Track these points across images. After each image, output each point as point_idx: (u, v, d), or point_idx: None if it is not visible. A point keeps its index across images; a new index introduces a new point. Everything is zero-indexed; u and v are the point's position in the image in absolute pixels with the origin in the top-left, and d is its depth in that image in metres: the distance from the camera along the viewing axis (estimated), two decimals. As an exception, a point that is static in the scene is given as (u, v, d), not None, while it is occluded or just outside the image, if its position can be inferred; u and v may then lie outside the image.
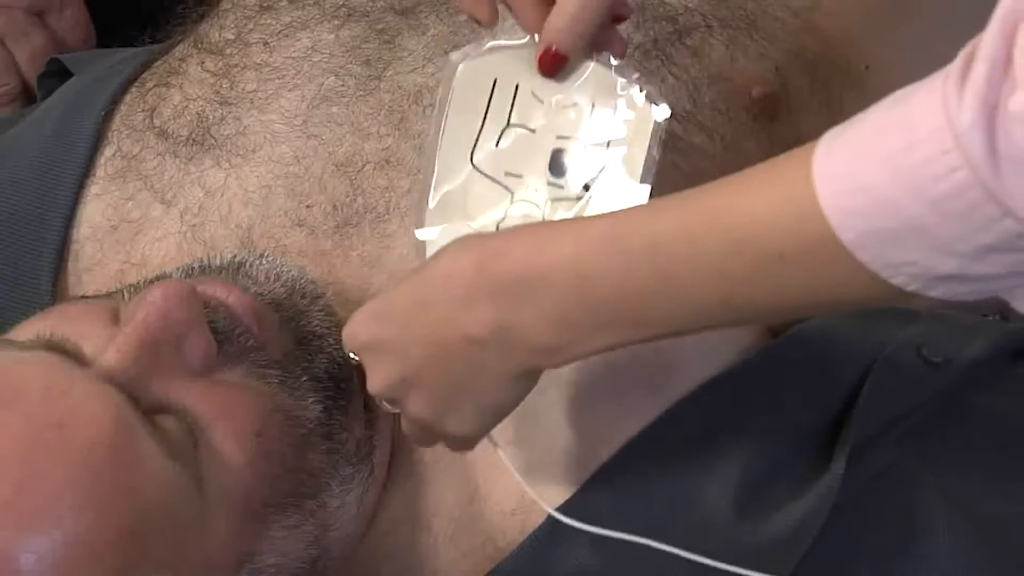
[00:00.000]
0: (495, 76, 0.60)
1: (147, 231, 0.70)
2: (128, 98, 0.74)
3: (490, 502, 0.63)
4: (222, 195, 0.69)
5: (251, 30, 0.74)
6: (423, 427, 0.57)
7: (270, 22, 0.73)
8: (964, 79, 0.40)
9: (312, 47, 0.72)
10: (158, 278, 0.63)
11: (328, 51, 0.71)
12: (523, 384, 0.54)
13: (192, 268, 0.64)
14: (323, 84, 0.70)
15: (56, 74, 0.81)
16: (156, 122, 0.72)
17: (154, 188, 0.70)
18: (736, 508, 0.60)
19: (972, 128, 0.39)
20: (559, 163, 0.59)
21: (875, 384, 0.63)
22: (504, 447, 0.60)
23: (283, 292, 0.63)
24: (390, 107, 0.69)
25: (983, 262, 0.41)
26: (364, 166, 0.68)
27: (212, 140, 0.70)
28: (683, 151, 0.66)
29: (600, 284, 0.48)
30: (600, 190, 0.58)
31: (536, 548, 0.61)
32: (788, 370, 0.62)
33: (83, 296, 0.69)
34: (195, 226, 0.69)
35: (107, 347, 0.55)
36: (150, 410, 0.55)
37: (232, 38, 0.74)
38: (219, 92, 0.72)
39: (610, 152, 0.58)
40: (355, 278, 0.67)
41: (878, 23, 0.70)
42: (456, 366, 0.53)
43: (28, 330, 0.58)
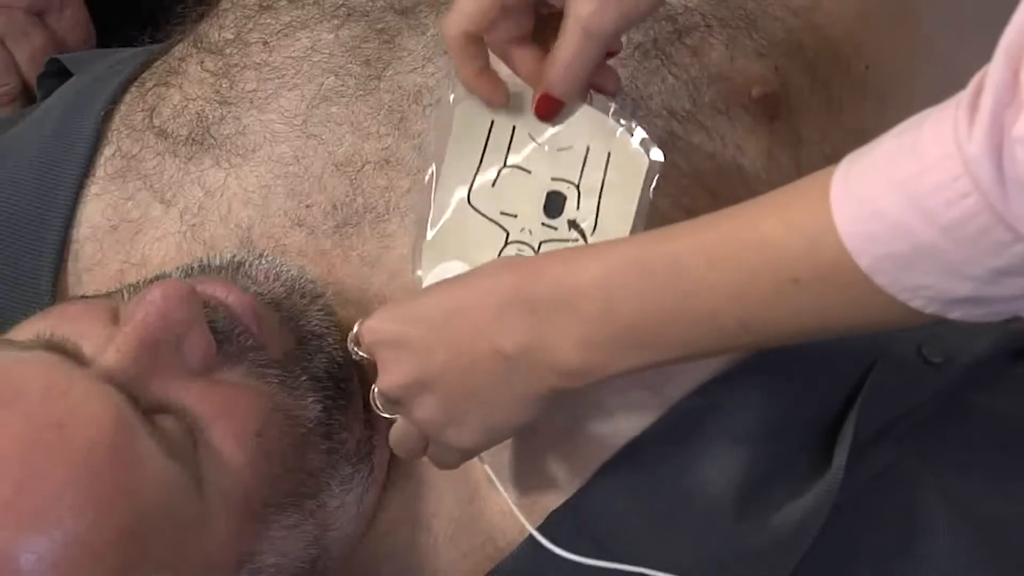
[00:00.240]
0: (492, 117, 0.61)
1: (147, 231, 0.70)
2: (128, 98, 0.74)
3: (490, 502, 0.63)
4: (222, 195, 0.69)
5: (251, 30, 0.73)
6: (419, 435, 0.58)
7: (269, 22, 0.73)
8: (974, 106, 0.41)
9: (312, 47, 0.72)
10: (158, 278, 0.63)
11: (328, 51, 0.71)
12: (538, 407, 0.54)
13: (192, 268, 0.65)
14: (323, 84, 0.70)
15: (56, 74, 0.81)
16: (156, 122, 0.72)
17: (154, 188, 0.70)
18: (736, 508, 0.60)
19: (981, 155, 0.40)
20: (554, 204, 0.60)
21: (875, 384, 0.63)
22: (490, 459, 0.60)
23: (283, 292, 0.63)
24: (390, 107, 0.69)
25: (998, 285, 0.42)
26: (364, 166, 0.68)
27: (212, 140, 0.70)
28: (683, 151, 0.66)
29: (624, 306, 0.50)
30: (593, 232, 0.60)
31: (535, 549, 0.61)
32: (788, 370, 0.62)
33: (83, 296, 0.69)
34: (195, 226, 0.69)
35: (107, 347, 0.55)
36: (150, 410, 0.54)
37: (232, 38, 0.74)
38: (219, 92, 0.72)
39: (604, 194, 0.60)
40: (355, 278, 0.67)
41: (878, 23, 0.70)
42: (477, 377, 0.53)
43: (28, 330, 0.58)
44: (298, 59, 0.72)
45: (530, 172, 0.61)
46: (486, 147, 0.61)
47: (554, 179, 0.60)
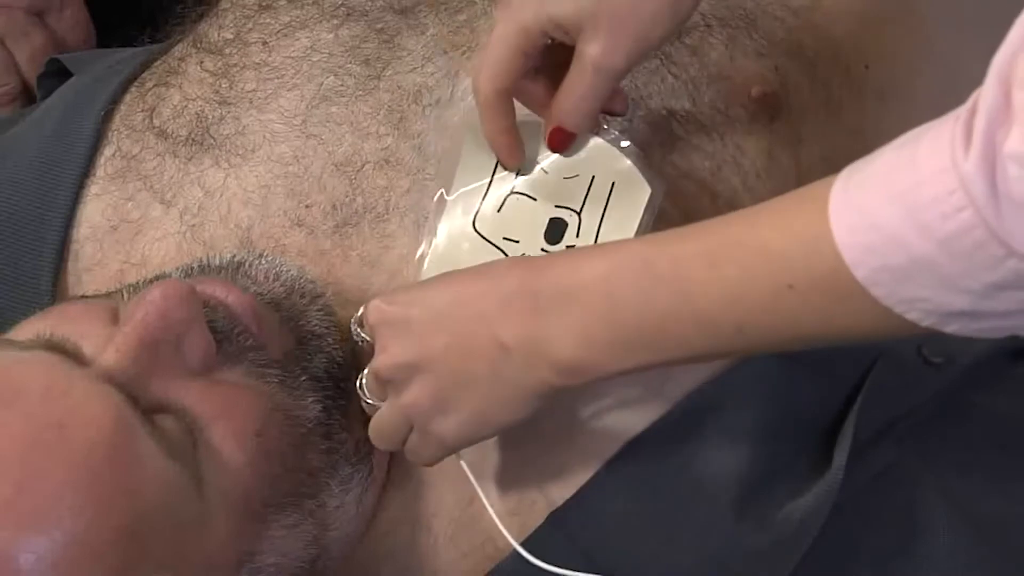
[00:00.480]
0: None
1: (147, 231, 0.70)
2: (128, 98, 0.74)
3: (490, 503, 0.63)
4: (221, 195, 0.69)
5: (250, 30, 0.73)
6: (402, 423, 0.58)
7: (269, 21, 0.73)
8: (969, 124, 0.41)
9: (311, 47, 0.72)
10: (158, 278, 0.63)
11: (327, 50, 0.71)
12: (530, 404, 0.55)
13: (191, 268, 0.65)
14: (322, 84, 0.70)
15: (56, 74, 0.81)
16: (156, 122, 0.72)
17: (154, 188, 0.70)
18: (736, 508, 0.60)
19: (975, 172, 0.40)
20: (555, 231, 0.61)
21: (875, 384, 0.63)
22: (470, 457, 0.61)
23: (282, 292, 0.63)
24: (389, 107, 0.69)
25: (993, 299, 0.42)
26: (363, 166, 0.68)
27: (211, 140, 0.70)
28: (682, 150, 0.66)
29: (625, 303, 0.51)
30: None
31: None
32: (788, 370, 0.62)
33: (83, 296, 0.69)
34: (194, 226, 0.69)
35: (107, 347, 0.55)
36: (149, 410, 0.54)
37: (231, 37, 0.74)
38: (218, 92, 0.72)
39: (604, 222, 0.61)
40: (354, 278, 0.67)
41: (878, 23, 0.70)
42: (475, 366, 0.54)
43: (28, 330, 0.58)
44: (297, 59, 0.72)
45: (535, 199, 0.62)
46: (494, 173, 0.62)
47: (557, 206, 0.62)
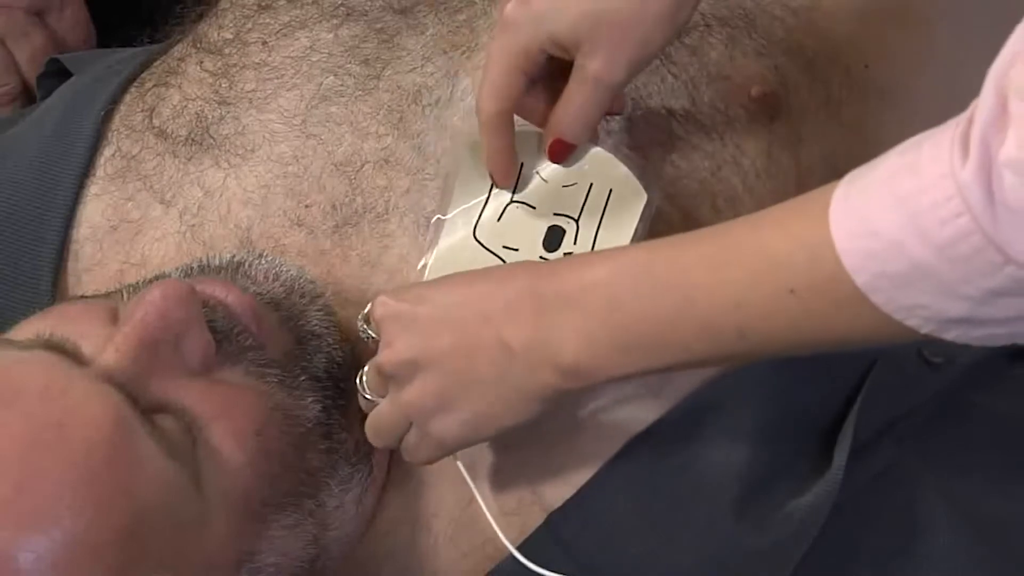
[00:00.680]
0: None
1: (146, 231, 0.70)
2: (127, 98, 0.74)
3: (490, 503, 0.63)
4: (221, 195, 0.69)
5: (249, 29, 0.74)
6: (400, 420, 0.58)
7: (268, 21, 0.73)
8: (968, 132, 0.41)
9: (311, 46, 0.72)
10: (157, 278, 0.63)
11: (327, 50, 0.71)
12: (531, 408, 0.55)
13: (191, 268, 0.65)
14: (322, 84, 0.70)
15: (56, 74, 0.82)
16: (155, 122, 0.72)
17: (153, 188, 0.71)
18: (736, 508, 0.60)
19: (972, 180, 0.40)
20: (553, 238, 0.62)
21: (875, 384, 0.63)
22: (467, 458, 0.61)
23: (282, 292, 0.63)
24: (389, 107, 0.69)
25: (992, 306, 0.42)
26: (363, 166, 0.68)
27: (211, 140, 0.71)
28: (682, 150, 0.66)
29: (627, 306, 0.51)
30: None
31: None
32: (787, 371, 0.62)
33: (82, 296, 0.69)
34: (194, 226, 0.69)
35: (106, 347, 0.55)
36: (149, 409, 0.54)
37: (231, 37, 0.74)
38: (218, 92, 0.72)
39: (602, 230, 0.61)
40: (354, 278, 0.67)
41: (877, 22, 0.70)
42: (479, 366, 0.54)
43: (27, 330, 0.58)
44: (297, 59, 0.72)
45: (534, 207, 0.62)
46: (491, 189, 0.63)
47: (556, 214, 0.62)
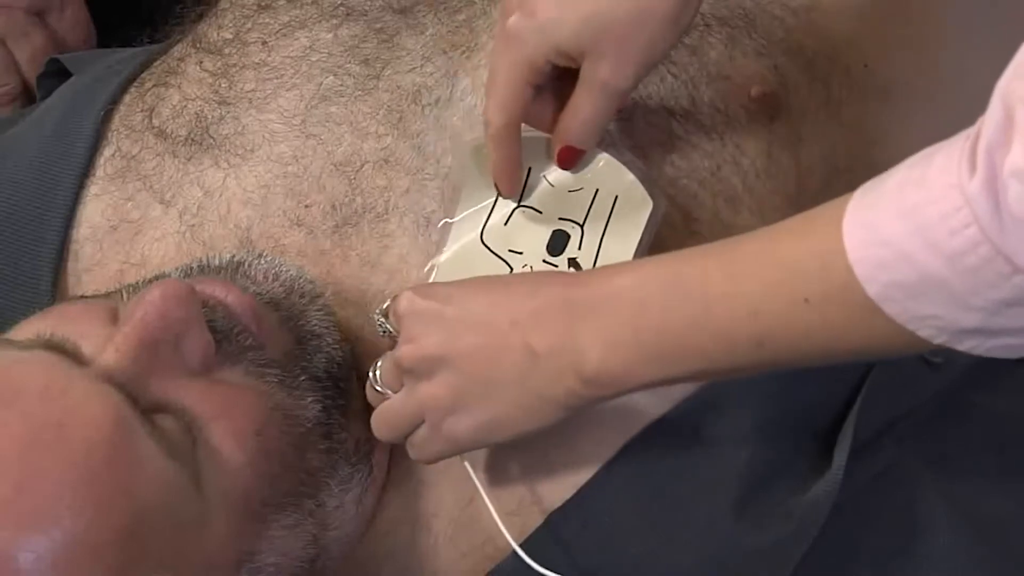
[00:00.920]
0: None
1: (146, 231, 0.70)
2: (127, 98, 0.74)
3: (491, 502, 0.63)
4: (221, 195, 0.69)
5: (249, 29, 0.74)
6: (412, 414, 0.58)
7: (268, 21, 0.73)
8: (976, 143, 0.42)
9: (310, 46, 0.72)
10: (157, 278, 0.63)
11: (326, 50, 0.71)
12: (552, 415, 0.55)
13: (191, 268, 0.65)
14: (321, 83, 0.70)
15: (56, 74, 0.82)
16: (155, 122, 0.72)
17: (153, 188, 0.71)
18: (736, 508, 0.60)
19: (979, 191, 0.41)
20: (557, 243, 0.62)
21: (875, 384, 0.62)
22: (472, 460, 0.61)
23: (282, 291, 0.63)
24: (388, 107, 0.69)
25: (1004, 316, 0.43)
26: (363, 166, 0.68)
27: (211, 140, 0.71)
28: (682, 150, 0.66)
29: (649, 315, 0.51)
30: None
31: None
32: (788, 370, 0.62)
33: (82, 296, 0.69)
34: (194, 226, 0.69)
35: (106, 347, 0.55)
36: (149, 409, 0.54)
37: (230, 37, 0.74)
38: (217, 92, 0.72)
39: (607, 236, 0.62)
40: (354, 278, 0.67)
41: (877, 22, 0.70)
42: (501, 368, 0.54)
43: (27, 330, 0.58)
44: (297, 59, 0.72)
45: (540, 212, 0.63)
46: (498, 196, 0.63)
47: (561, 219, 0.63)
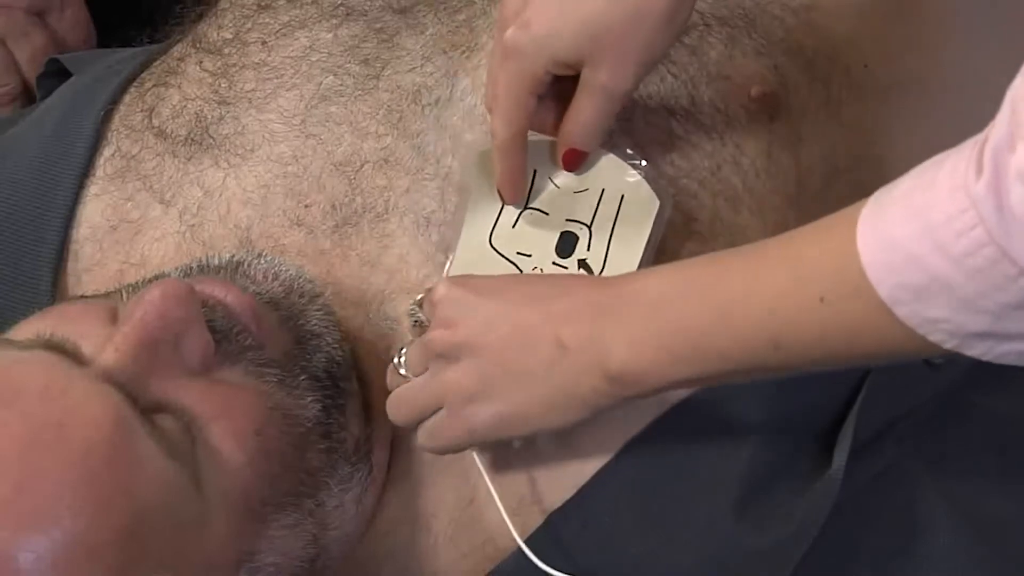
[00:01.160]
0: None
1: (146, 231, 0.70)
2: (127, 98, 0.74)
3: (490, 503, 0.62)
4: (221, 195, 0.69)
5: (249, 29, 0.74)
6: (432, 398, 0.58)
7: (268, 21, 0.74)
8: (984, 147, 0.42)
9: (310, 46, 0.72)
10: (157, 278, 0.63)
11: (326, 50, 0.71)
12: (573, 412, 0.56)
13: (191, 268, 0.65)
14: (321, 83, 0.70)
15: (56, 74, 0.82)
16: (155, 122, 0.72)
17: (153, 188, 0.71)
18: (736, 508, 0.60)
19: (985, 189, 0.41)
20: (566, 244, 0.63)
21: (875, 384, 0.62)
22: (481, 458, 0.61)
23: (281, 291, 0.63)
24: (388, 106, 0.69)
25: (1010, 320, 0.43)
26: (363, 166, 0.68)
27: (211, 140, 0.71)
28: (682, 150, 0.66)
29: (670, 313, 0.53)
30: (601, 272, 0.63)
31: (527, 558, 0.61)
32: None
33: (82, 296, 0.69)
34: (194, 226, 0.69)
35: (106, 346, 0.55)
36: (148, 409, 0.54)
37: (230, 37, 0.74)
38: (217, 92, 0.72)
39: (615, 236, 0.62)
40: (354, 278, 0.67)
41: (877, 21, 0.70)
42: (530, 360, 0.55)
43: (27, 330, 0.58)
44: (296, 59, 0.72)
45: (547, 214, 0.63)
46: (504, 202, 0.64)
47: (568, 220, 0.63)
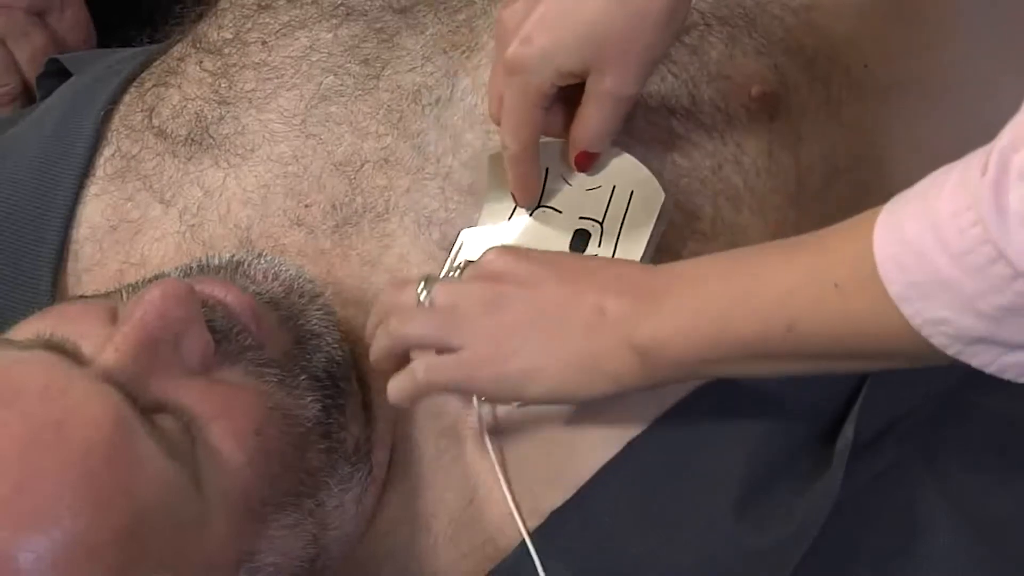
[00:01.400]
0: None
1: (146, 231, 0.70)
2: (127, 98, 0.74)
3: (491, 502, 0.63)
4: (221, 195, 0.69)
5: (249, 29, 0.74)
6: (451, 335, 0.59)
7: (268, 21, 0.74)
8: (997, 143, 0.42)
9: (310, 46, 0.72)
10: (156, 278, 0.63)
11: (326, 50, 0.72)
12: (596, 383, 0.57)
13: (191, 268, 0.64)
14: (321, 83, 0.71)
15: (56, 74, 0.82)
16: (155, 122, 0.72)
17: (153, 188, 0.71)
18: (736, 508, 0.60)
19: (987, 188, 0.42)
20: (578, 242, 0.64)
21: (875, 384, 0.62)
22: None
23: (281, 291, 0.63)
24: (388, 106, 0.69)
25: (1008, 325, 0.43)
26: (363, 165, 0.68)
27: (211, 140, 0.71)
28: (683, 149, 0.66)
29: (703, 288, 0.54)
30: None
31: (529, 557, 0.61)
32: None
33: (82, 296, 0.69)
34: (194, 226, 0.69)
35: (106, 346, 0.55)
36: (148, 409, 0.54)
37: (230, 37, 0.74)
38: (217, 92, 0.72)
39: (623, 231, 0.63)
40: (354, 277, 0.67)
41: (877, 21, 0.70)
42: (570, 316, 0.57)
43: (27, 330, 0.58)
44: (297, 59, 0.72)
45: (561, 212, 0.64)
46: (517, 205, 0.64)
47: (581, 218, 0.64)
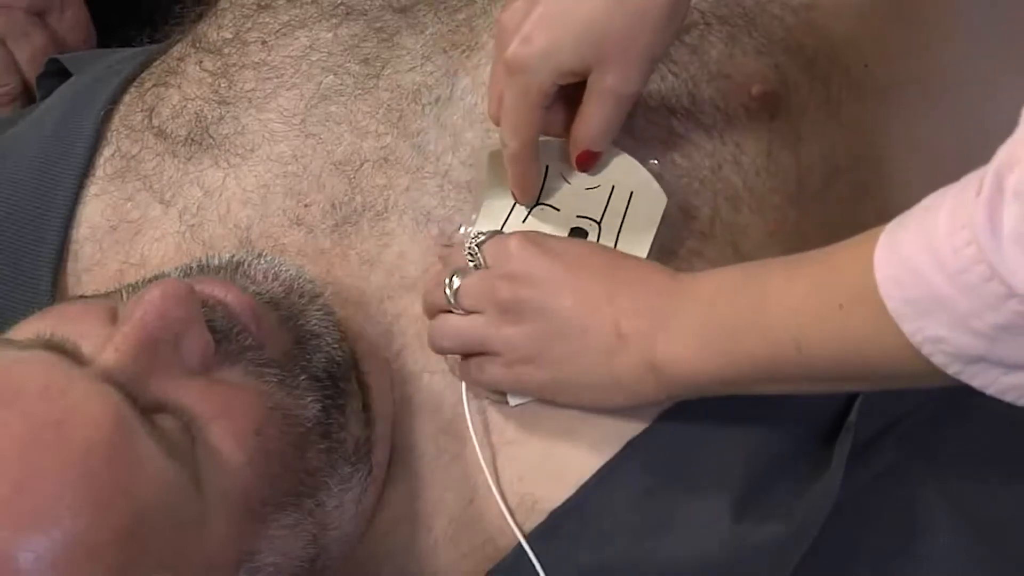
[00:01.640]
0: None
1: (146, 231, 0.70)
2: (127, 98, 0.74)
3: (490, 502, 0.63)
4: (220, 195, 0.69)
5: (249, 29, 0.74)
6: (475, 340, 0.60)
7: (268, 21, 0.74)
8: (992, 161, 0.43)
9: (310, 46, 0.72)
10: (156, 278, 0.63)
11: (326, 50, 0.72)
12: (615, 397, 0.59)
13: (191, 268, 0.64)
14: (321, 83, 0.71)
15: (56, 74, 0.82)
16: (155, 122, 0.72)
17: (153, 188, 0.71)
18: (737, 508, 0.60)
19: (981, 207, 0.42)
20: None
21: (875, 384, 0.63)
22: (473, 454, 0.62)
23: (281, 291, 0.63)
24: (388, 106, 0.69)
25: (1001, 344, 0.43)
26: (362, 165, 0.69)
27: (211, 140, 0.71)
28: (683, 148, 0.66)
29: (716, 309, 0.54)
30: None
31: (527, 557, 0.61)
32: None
33: (82, 296, 0.69)
34: (194, 226, 0.69)
35: (105, 346, 0.55)
36: (148, 409, 0.54)
37: (230, 37, 0.74)
38: (217, 91, 0.72)
39: (622, 233, 0.64)
40: (354, 277, 0.67)
41: (877, 21, 0.70)
42: (587, 340, 0.57)
43: (27, 330, 0.58)
44: (296, 58, 0.72)
45: (559, 210, 0.64)
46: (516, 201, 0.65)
47: (579, 216, 0.64)
